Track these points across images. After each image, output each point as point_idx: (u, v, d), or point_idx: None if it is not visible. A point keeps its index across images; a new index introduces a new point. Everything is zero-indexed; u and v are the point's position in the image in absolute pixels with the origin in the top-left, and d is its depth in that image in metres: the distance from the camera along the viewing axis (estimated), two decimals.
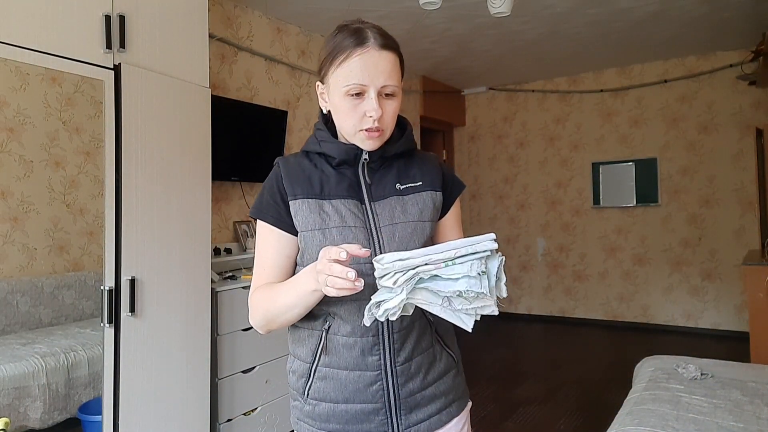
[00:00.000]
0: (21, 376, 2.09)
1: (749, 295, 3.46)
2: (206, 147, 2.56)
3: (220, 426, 2.74)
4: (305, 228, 1.05)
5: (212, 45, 3.38)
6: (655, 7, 3.95)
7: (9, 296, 2.21)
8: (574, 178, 5.94)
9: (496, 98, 6.39)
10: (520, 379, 4.07)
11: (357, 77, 1.01)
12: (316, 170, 1.09)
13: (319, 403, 1.07)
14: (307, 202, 1.05)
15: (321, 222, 1.04)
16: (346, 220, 1.05)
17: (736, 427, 1.80)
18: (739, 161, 5.11)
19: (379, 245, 1.04)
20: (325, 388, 1.06)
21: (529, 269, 6.20)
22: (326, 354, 1.06)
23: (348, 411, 1.06)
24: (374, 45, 1.02)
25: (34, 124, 2.28)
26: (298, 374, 1.11)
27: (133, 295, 2.14)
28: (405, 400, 1.07)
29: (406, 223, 1.07)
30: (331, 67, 1.04)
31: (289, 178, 1.08)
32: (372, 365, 1.05)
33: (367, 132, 1.04)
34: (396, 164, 1.12)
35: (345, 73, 1.02)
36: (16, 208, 2.24)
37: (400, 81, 1.07)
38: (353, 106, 1.03)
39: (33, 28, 1.90)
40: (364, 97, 1.02)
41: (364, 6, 3.81)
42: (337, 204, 1.06)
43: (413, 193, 1.10)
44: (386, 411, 1.06)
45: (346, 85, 1.01)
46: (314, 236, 1.04)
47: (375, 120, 1.02)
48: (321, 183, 1.07)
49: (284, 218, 1.07)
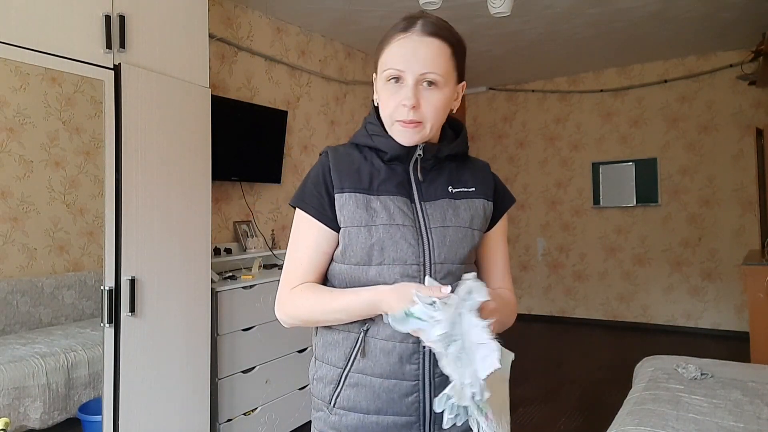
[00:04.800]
0: (21, 376, 2.09)
1: (749, 295, 3.46)
2: (206, 147, 2.56)
3: (220, 426, 2.74)
4: (351, 223, 0.98)
5: (212, 45, 3.38)
6: (655, 7, 3.95)
7: (9, 296, 2.21)
8: (574, 178, 5.94)
9: (496, 98, 6.39)
10: (520, 379, 4.07)
11: (395, 61, 0.96)
12: (366, 163, 1.02)
13: (348, 414, 0.99)
14: (354, 196, 0.99)
15: (368, 218, 0.98)
16: (394, 217, 0.98)
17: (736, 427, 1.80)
18: (739, 161, 5.11)
19: (429, 247, 0.99)
20: (356, 397, 0.99)
21: (529, 269, 6.20)
22: (362, 358, 0.99)
23: (379, 423, 0.98)
24: (418, 31, 0.96)
25: (34, 124, 2.28)
26: (326, 381, 1.03)
27: (133, 295, 2.14)
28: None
29: (458, 228, 1.02)
30: (379, 55, 1.01)
31: (338, 170, 1.01)
32: (409, 374, 0.98)
33: (401, 123, 0.97)
34: (448, 167, 1.07)
35: (385, 58, 0.98)
36: (16, 208, 2.24)
37: (447, 72, 0.98)
38: (391, 94, 0.98)
39: (33, 28, 1.90)
40: (403, 85, 0.96)
41: (364, 6, 3.81)
42: (385, 200, 0.99)
43: (465, 198, 1.05)
44: (420, 426, 0.99)
45: (384, 69, 0.98)
46: (359, 233, 0.97)
47: (409, 110, 0.95)
48: (370, 177, 1.01)
49: (327, 211, 1.00)
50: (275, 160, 3.74)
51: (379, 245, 0.97)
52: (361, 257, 0.98)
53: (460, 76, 1.03)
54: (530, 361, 4.60)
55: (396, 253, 0.97)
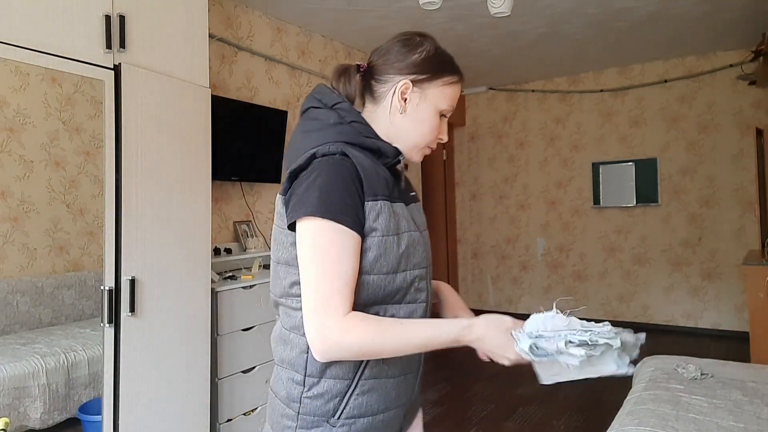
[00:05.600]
0: (21, 376, 2.09)
1: (749, 295, 3.46)
2: (206, 147, 2.56)
3: (220, 426, 2.74)
4: (387, 232, 0.95)
5: (212, 45, 3.38)
6: (655, 7, 3.95)
7: (9, 296, 2.21)
8: (574, 178, 5.94)
9: (496, 98, 6.39)
10: (520, 379, 4.07)
11: (453, 102, 1.06)
12: (378, 167, 0.99)
13: (357, 420, 0.97)
14: (387, 204, 0.96)
15: (397, 226, 0.97)
16: (409, 224, 1.01)
17: (736, 427, 1.80)
18: (739, 161, 5.11)
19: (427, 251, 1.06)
20: (369, 402, 0.98)
21: (529, 269, 6.20)
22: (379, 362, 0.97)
23: (385, 419, 1.01)
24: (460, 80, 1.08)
25: (34, 124, 2.27)
26: (328, 396, 0.97)
27: (133, 295, 2.14)
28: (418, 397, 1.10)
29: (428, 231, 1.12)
30: (437, 81, 1.04)
31: (367, 175, 0.95)
32: (414, 366, 1.04)
33: (428, 149, 1.08)
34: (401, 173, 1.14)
35: (451, 95, 1.06)
36: (16, 208, 2.24)
37: None
38: (437, 125, 1.06)
39: (33, 28, 1.90)
40: (443, 121, 1.08)
41: (364, 6, 3.81)
42: (400, 207, 1.01)
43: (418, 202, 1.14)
44: (405, 409, 1.05)
45: (447, 106, 1.06)
46: (393, 241, 0.95)
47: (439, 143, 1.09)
48: (386, 182, 0.99)
49: (362, 221, 0.93)
50: (275, 160, 3.74)
51: (407, 253, 0.98)
52: (392, 266, 0.96)
53: None
54: None
55: (417, 258, 1.01)
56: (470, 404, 3.61)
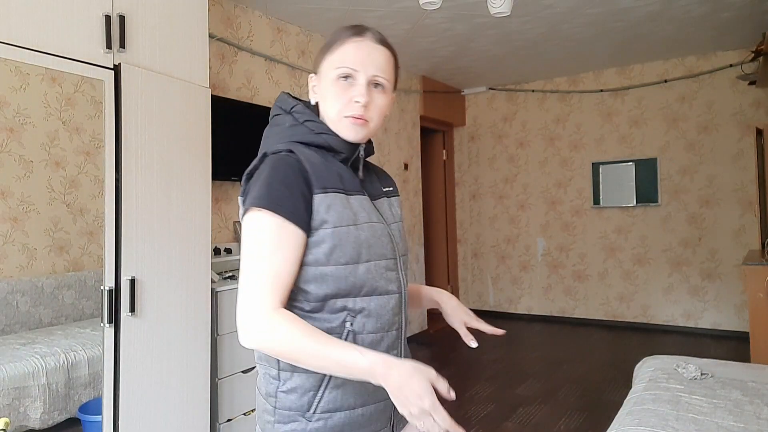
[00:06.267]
0: (21, 376, 2.09)
1: (749, 295, 3.46)
2: (206, 147, 2.56)
3: (220, 426, 2.74)
4: (340, 223, 0.96)
5: (212, 45, 3.38)
6: (655, 7, 3.95)
7: (9, 296, 2.21)
8: (574, 178, 5.94)
9: (496, 98, 6.39)
10: (520, 379, 4.07)
11: (350, 61, 1.01)
12: (330, 163, 1.02)
13: (333, 415, 0.98)
14: (338, 196, 0.98)
15: (353, 217, 0.99)
16: (370, 215, 1.03)
17: (736, 427, 1.80)
18: (739, 161, 5.11)
19: (394, 241, 1.06)
20: (344, 396, 0.98)
21: (529, 269, 6.20)
22: None
23: (364, 414, 1.01)
24: (371, 37, 1.04)
25: (34, 124, 2.27)
26: (301, 391, 0.98)
27: (133, 295, 2.14)
28: None
29: (400, 223, 1.13)
30: (326, 56, 1.06)
31: (315, 169, 0.98)
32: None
33: (352, 118, 1.01)
34: (370, 169, 1.16)
35: (338, 57, 1.03)
36: (16, 208, 2.24)
37: (392, 79, 1.06)
38: (342, 90, 1.02)
39: (33, 28, 1.90)
40: (354, 83, 1.02)
41: (364, 6, 3.81)
42: (359, 199, 1.03)
43: (393, 197, 1.16)
44: (391, 404, 1.02)
45: (337, 68, 1.02)
46: (349, 232, 0.97)
47: (362, 106, 1.00)
48: (339, 176, 1.01)
49: (302, 214, 0.94)
50: None
51: (367, 243, 1.00)
52: (351, 256, 0.97)
53: (394, 89, 1.11)
54: (530, 361, 4.60)
55: (380, 249, 1.02)
56: (470, 404, 3.61)
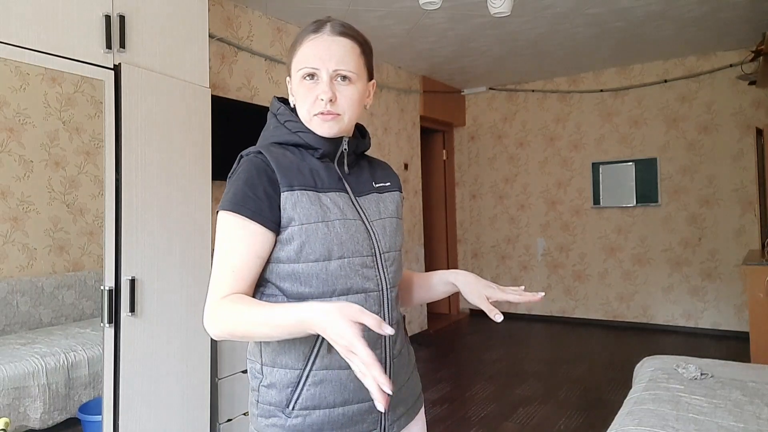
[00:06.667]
0: (21, 376, 2.09)
1: (749, 295, 3.46)
2: (206, 147, 2.56)
3: (220, 426, 2.74)
4: (307, 220, 0.98)
5: (212, 45, 3.38)
6: (655, 6, 3.95)
7: (9, 296, 2.21)
8: (574, 178, 5.94)
9: (496, 98, 6.39)
10: (520, 379, 4.07)
11: (309, 59, 1.02)
12: (303, 161, 1.04)
13: (312, 412, 0.99)
14: (306, 193, 1.00)
15: (323, 214, 1.00)
16: (345, 212, 1.03)
17: (736, 427, 1.80)
18: (739, 161, 5.11)
19: (376, 238, 1.05)
20: (322, 393, 0.99)
21: (529, 269, 6.20)
22: (329, 354, 0.98)
23: (345, 414, 1.00)
24: (328, 31, 1.03)
25: (34, 124, 2.28)
26: (281, 386, 1.00)
27: (133, 295, 2.14)
28: (395, 394, 1.04)
29: (391, 219, 1.11)
30: (292, 58, 1.07)
31: (281, 168, 1.00)
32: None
33: (321, 115, 1.03)
34: (363, 164, 1.15)
35: (300, 58, 1.04)
36: (16, 208, 2.24)
37: (358, 68, 1.04)
38: (307, 90, 1.03)
39: (33, 28, 1.90)
40: (318, 81, 1.03)
41: (364, 6, 3.81)
42: (333, 196, 1.03)
43: (387, 192, 1.15)
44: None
45: (300, 69, 1.03)
46: (318, 229, 0.98)
47: (326, 103, 1.01)
48: (312, 174, 1.03)
49: (266, 212, 0.97)
50: None
51: (339, 239, 1.00)
52: (321, 253, 0.98)
53: (369, 75, 1.10)
54: (530, 361, 4.60)
55: (354, 245, 1.02)
56: (470, 404, 3.61)
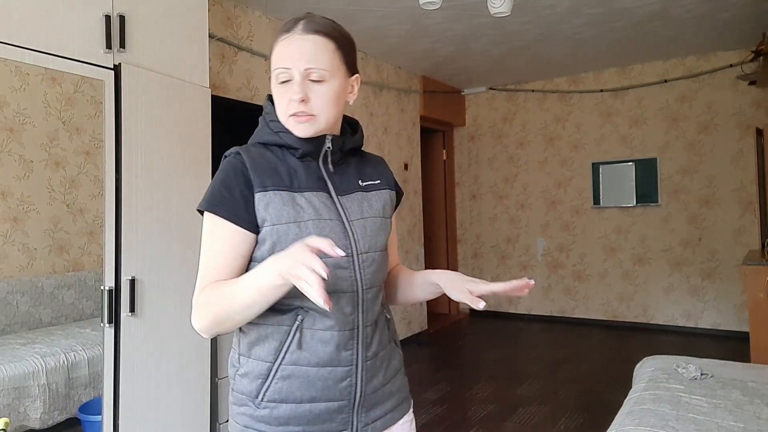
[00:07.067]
0: (21, 376, 2.09)
1: (749, 295, 3.46)
2: (206, 147, 2.56)
3: (220, 426, 2.74)
4: (278, 221, 0.99)
5: (212, 45, 3.38)
6: (655, 6, 3.95)
7: (9, 296, 2.21)
8: (574, 178, 5.94)
9: (496, 98, 6.39)
10: (520, 379, 4.07)
11: (282, 60, 1.02)
12: (282, 161, 1.04)
13: (279, 405, 1.00)
14: (279, 194, 1.00)
15: (296, 214, 1.00)
16: (320, 212, 1.02)
17: (736, 427, 1.80)
18: (739, 161, 5.11)
19: (354, 239, 1.04)
20: (289, 388, 1.00)
21: (529, 269, 6.20)
22: (297, 349, 1.00)
23: (312, 410, 1.00)
24: (299, 30, 1.01)
25: (34, 124, 2.27)
26: (252, 376, 1.02)
27: (133, 295, 2.14)
28: (368, 397, 1.05)
29: (375, 218, 1.09)
30: (270, 59, 1.06)
31: (256, 169, 1.01)
32: (345, 360, 1.01)
33: (294, 117, 1.02)
34: (352, 161, 1.13)
35: (274, 60, 1.03)
36: (16, 208, 2.24)
37: (332, 66, 1.02)
38: (282, 92, 1.03)
39: (33, 28, 1.90)
40: (291, 82, 1.01)
41: (364, 6, 3.81)
42: (309, 196, 1.03)
43: (375, 190, 1.13)
44: (350, 408, 1.03)
45: (274, 70, 1.03)
46: (289, 229, 0.99)
47: (299, 103, 1.00)
48: (289, 175, 1.03)
49: (241, 213, 0.99)
50: None
51: None
52: None
53: (350, 70, 1.07)
54: (530, 361, 4.60)
55: None
56: (470, 404, 3.61)
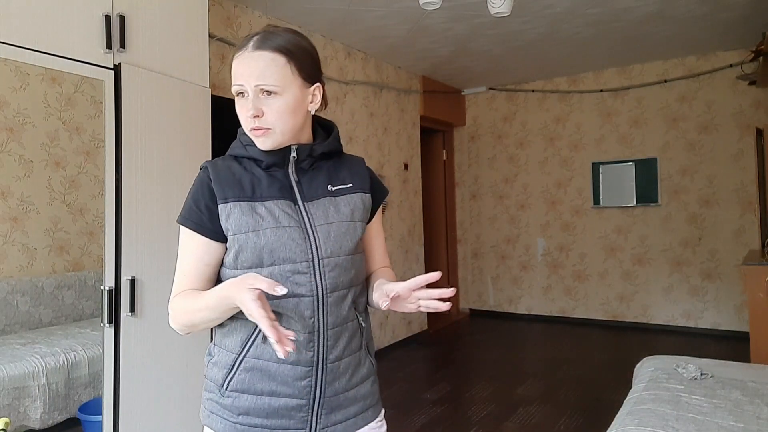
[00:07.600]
0: (21, 376, 2.09)
1: (749, 295, 3.46)
2: (206, 147, 2.56)
3: None
4: (238, 230, 1.05)
5: (212, 45, 3.37)
6: (655, 6, 3.95)
7: (9, 296, 2.21)
8: (574, 178, 5.94)
9: (496, 98, 6.39)
10: (520, 379, 4.07)
11: (236, 78, 1.06)
12: (247, 173, 1.10)
13: (240, 395, 1.07)
14: (239, 204, 1.06)
15: (254, 224, 1.05)
16: (280, 220, 1.06)
17: (736, 427, 1.80)
18: (739, 161, 5.11)
19: (315, 244, 1.07)
20: (251, 380, 1.06)
21: (529, 269, 6.20)
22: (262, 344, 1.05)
23: (271, 404, 1.05)
24: (249, 47, 1.05)
25: (34, 124, 2.28)
26: (220, 365, 1.10)
27: (133, 295, 2.14)
28: (328, 399, 1.08)
29: (340, 223, 1.11)
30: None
31: (219, 182, 1.08)
32: (305, 361, 1.05)
33: (252, 131, 1.08)
34: (325, 166, 1.15)
35: (232, 77, 1.08)
36: (16, 208, 2.24)
37: (284, 79, 1.05)
38: (241, 107, 1.08)
39: (33, 28, 1.90)
40: (247, 98, 1.06)
41: (364, 6, 3.81)
42: (269, 205, 1.07)
43: (345, 195, 1.14)
44: (309, 408, 1.07)
45: (232, 87, 1.08)
46: (248, 238, 1.04)
47: (252, 119, 1.05)
48: (252, 185, 1.08)
49: (206, 224, 1.07)
50: None
51: (269, 248, 1.04)
52: (253, 261, 1.04)
53: (308, 80, 1.09)
54: (530, 361, 4.60)
55: (285, 253, 1.05)
56: (470, 404, 3.61)
